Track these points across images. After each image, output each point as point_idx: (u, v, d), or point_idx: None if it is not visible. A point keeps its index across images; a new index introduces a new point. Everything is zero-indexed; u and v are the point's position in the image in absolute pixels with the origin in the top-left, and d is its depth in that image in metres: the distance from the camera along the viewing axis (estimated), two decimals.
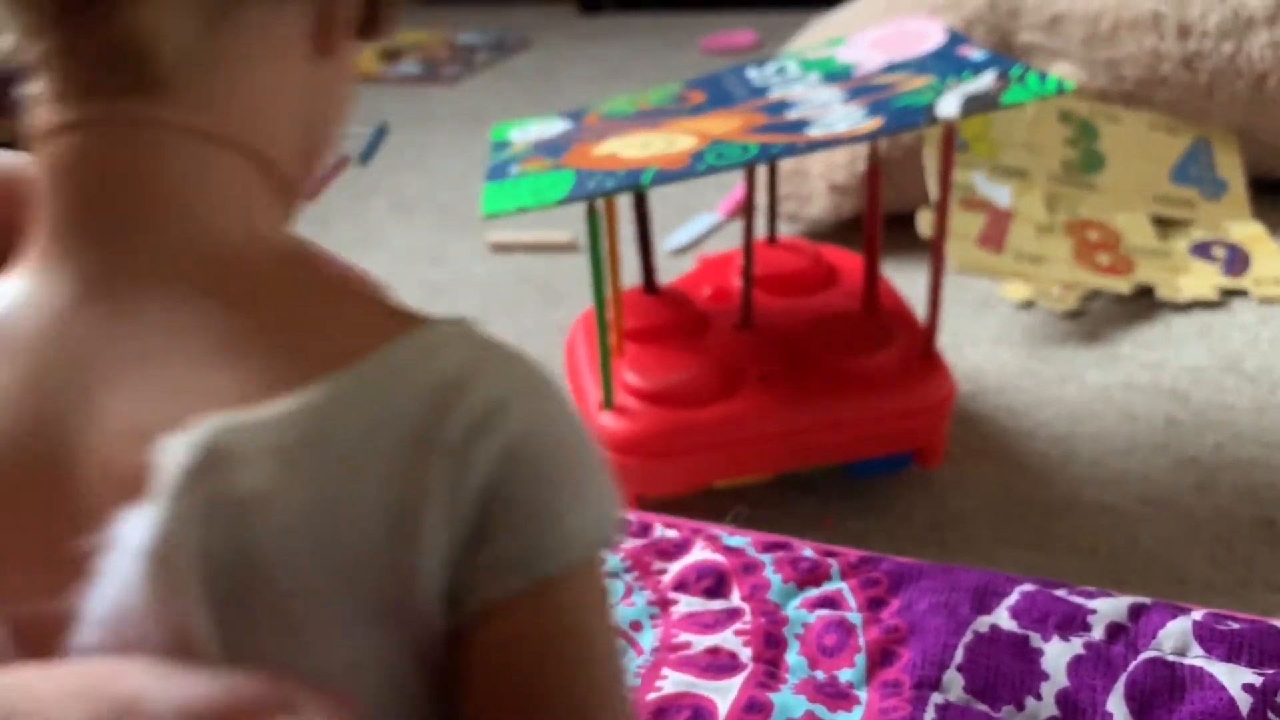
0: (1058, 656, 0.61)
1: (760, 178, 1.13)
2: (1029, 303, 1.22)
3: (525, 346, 0.33)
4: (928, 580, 0.68)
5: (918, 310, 0.95)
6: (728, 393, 0.88)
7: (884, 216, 0.97)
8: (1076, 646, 0.62)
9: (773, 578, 0.70)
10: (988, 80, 0.80)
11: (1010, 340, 1.16)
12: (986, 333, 1.17)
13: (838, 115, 0.80)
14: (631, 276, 1.03)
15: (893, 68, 0.89)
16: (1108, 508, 0.90)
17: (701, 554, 0.73)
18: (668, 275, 1.08)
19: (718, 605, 0.69)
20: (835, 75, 0.92)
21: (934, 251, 0.88)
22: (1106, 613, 0.64)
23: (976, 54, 0.86)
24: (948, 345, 1.09)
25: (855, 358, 0.89)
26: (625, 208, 1.05)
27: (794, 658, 0.64)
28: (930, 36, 0.92)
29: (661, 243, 1.38)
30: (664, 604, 0.69)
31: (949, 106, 0.77)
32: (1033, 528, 0.89)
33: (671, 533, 0.76)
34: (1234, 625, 0.62)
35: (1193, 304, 1.20)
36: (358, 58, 0.39)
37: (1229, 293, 1.21)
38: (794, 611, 0.68)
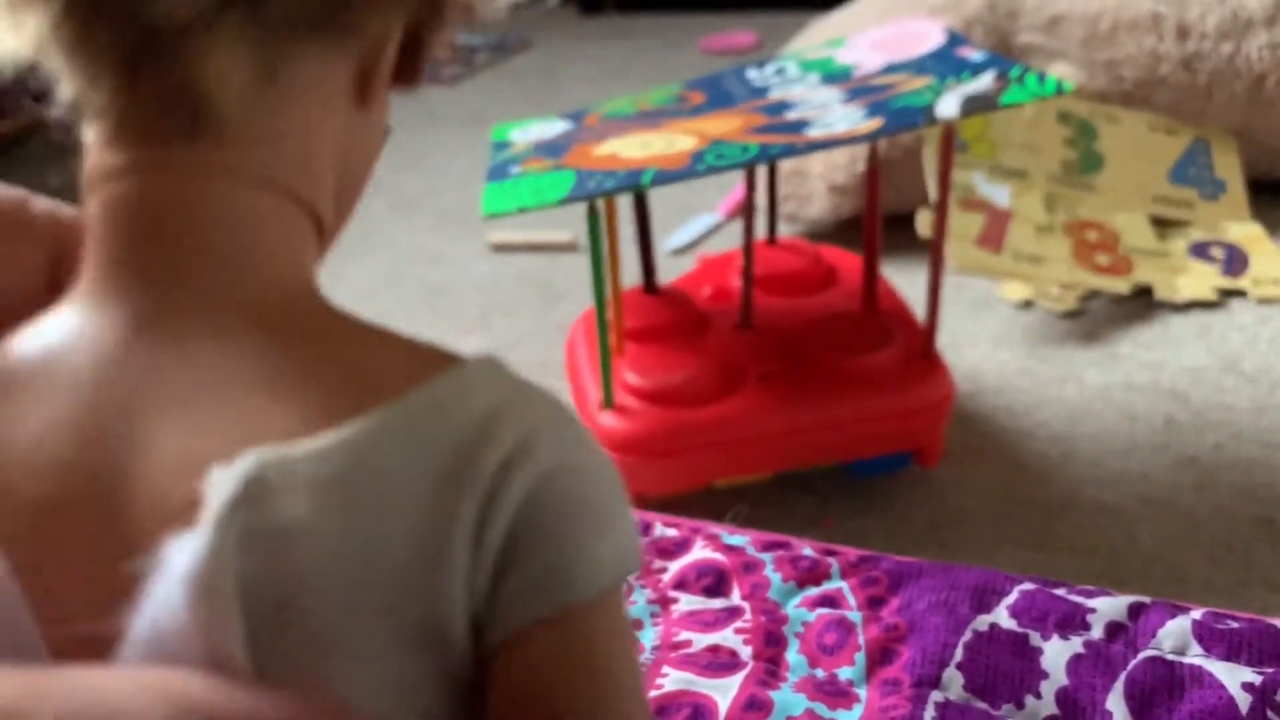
0: (1057, 655, 0.61)
1: (760, 178, 1.13)
2: (1028, 303, 1.22)
3: (525, 346, 0.33)
4: (927, 579, 0.68)
5: (917, 310, 0.96)
6: (728, 392, 0.88)
7: (883, 217, 0.97)
8: (1076, 645, 0.62)
9: (773, 576, 0.70)
10: (987, 81, 0.80)
11: (1009, 340, 1.16)
12: (985, 333, 1.18)
13: (837, 116, 0.80)
14: (631, 276, 1.03)
15: (892, 68, 0.90)
16: (1107, 507, 0.91)
17: (701, 553, 0.73)
18: (668, 275, 1.08)
19: (718, 604, 0.69)
20: (835, 76, 0.92)
21: (933, 252, 0.88)
22: (1106, 612, 0.64)
23: (976, 55, 0.86)
24: (947, 345, 1.09)
25: (855, 358, 0.89)
26: (625, 208, 1.05)
27: (794, 656, 0.65)
28: (929, 37, 0.93)
29: (661, 243, 1.38)
30: (664, 602, 0.70)
31: (948, 107, 0.77)
32: (1032, 527, 0.89)
33: (671, 531, 0.76)
34: (1233, 624, 0.63)
35: (1191, 304, 1.20)
36: (389, 109, 0.40)
37: (1227, 293, 1.22)
38: (794, 610, 0.68)
